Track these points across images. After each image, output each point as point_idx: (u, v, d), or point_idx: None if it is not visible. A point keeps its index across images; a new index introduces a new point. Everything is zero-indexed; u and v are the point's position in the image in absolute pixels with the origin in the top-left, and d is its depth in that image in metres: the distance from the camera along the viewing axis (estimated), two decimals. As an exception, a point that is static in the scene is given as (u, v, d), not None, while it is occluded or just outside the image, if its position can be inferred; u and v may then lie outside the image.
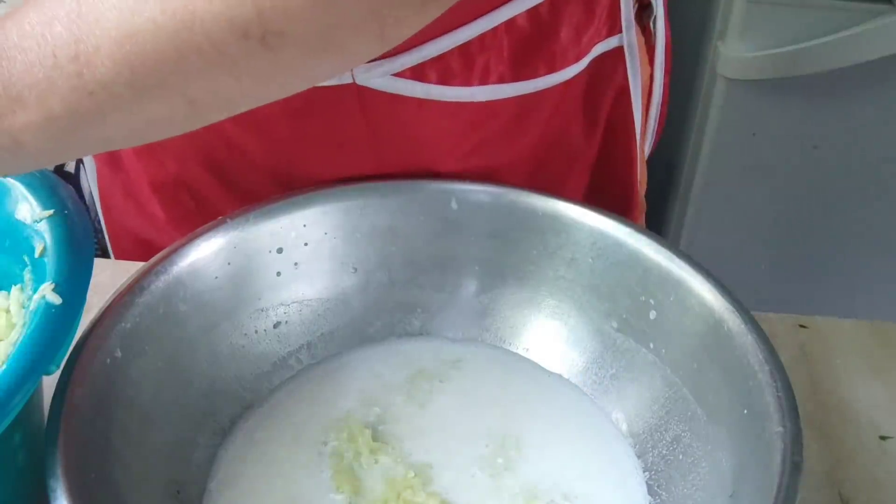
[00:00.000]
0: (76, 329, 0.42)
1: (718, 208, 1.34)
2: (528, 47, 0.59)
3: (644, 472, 0.51)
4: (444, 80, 0.58)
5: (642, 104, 0.70)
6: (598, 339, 0.56)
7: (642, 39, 0.67)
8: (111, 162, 0.71)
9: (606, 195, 0.71)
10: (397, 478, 0.50)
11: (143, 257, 0.54)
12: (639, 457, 0.52)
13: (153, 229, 0.70)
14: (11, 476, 0.44)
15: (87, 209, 0.59)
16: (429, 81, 0.57)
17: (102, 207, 0.78)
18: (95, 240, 0.48)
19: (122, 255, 0.77)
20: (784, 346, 0.61)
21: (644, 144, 0.73)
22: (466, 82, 0.58)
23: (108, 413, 0.45)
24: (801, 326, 0.64)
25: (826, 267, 1.38)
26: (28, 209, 0.48)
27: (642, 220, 0.76)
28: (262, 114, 0.55)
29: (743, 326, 0.48)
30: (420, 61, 0.57)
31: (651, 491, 0.50)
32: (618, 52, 0.65)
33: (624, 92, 0.67)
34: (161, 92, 0.38)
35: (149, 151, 0.65)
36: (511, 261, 0.58)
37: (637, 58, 0.67)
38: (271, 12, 0.35)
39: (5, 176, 0.42)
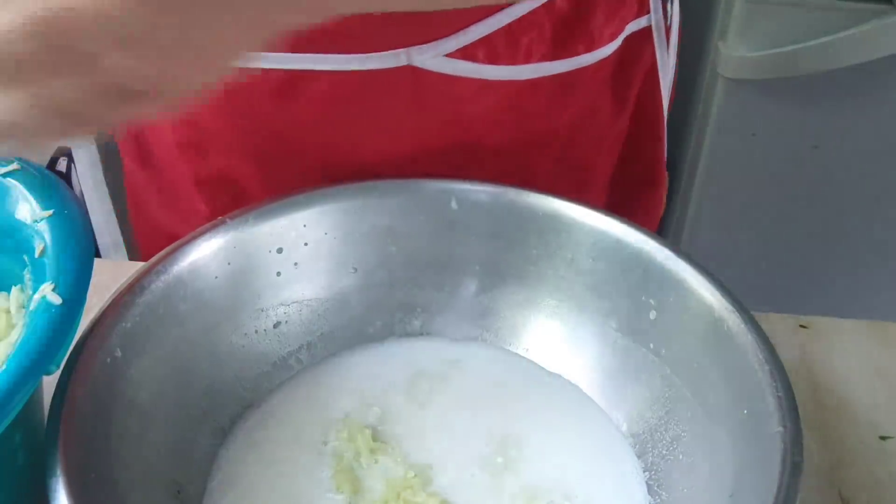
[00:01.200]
0: (76, 329, 0.42)
1: (718, 208, 1.34)
2: (567, 27, 0.62)
3: (644, 472, 0.51)
4: (491, 60, 0.61)
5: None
6: (598, 339, 0.56)
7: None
8: (142, 160, 0.72)
9: (634, 172, 0.74)
10: (397, 478, 0.50)
11: None
12: (639, 457, 0.52)
13: (189, 226, 0.71)
14: (11, 476, 0.44)
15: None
16: (478, 61, 0.60)
17: (131, 206, 0.78)
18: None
19: (152, 254, 0.78)
20: (784, 346, 0.61)
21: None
22: (512, 61, 0.61)
23: (109, 413, 0.45)
24: (801, 326, 0.64)
25: (826, 267, 1.38)
26: (28, 209, 0.48)
27: (665, 197, 0.79)
28: (315, 97, 0.59)
29: (743, 326, 0.48)
30: (470, 42, 0.59)
31: (651, 491, 0.50)
32: (646, 32, 0.69)
33: (652, 71, 0.71)
34: None
35: (195, 146, 0.66)
36: (511, 261, 0.58)
37: (664, 37, 0.70)
38: None
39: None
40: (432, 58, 0.59)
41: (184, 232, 0.71)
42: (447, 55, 0.60)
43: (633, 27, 0.67)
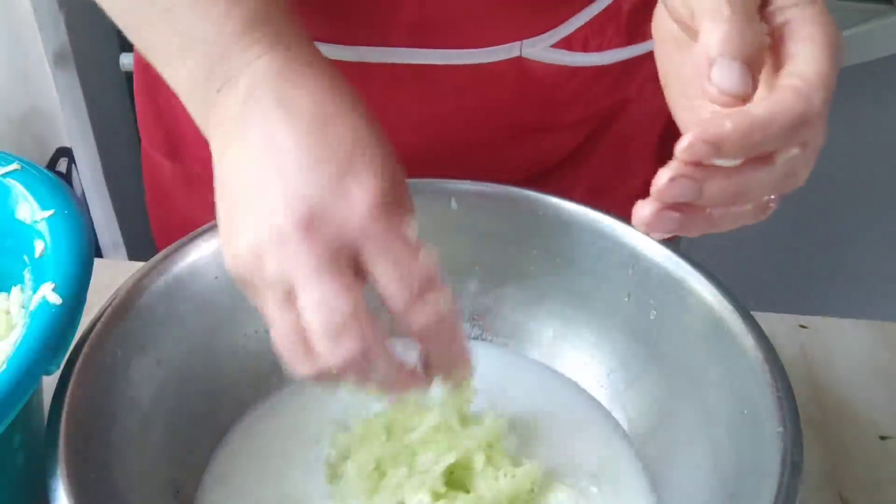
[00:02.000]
0: (76, 329, 0.42)
1: (718, 208, 1.34)
2: (639, 14, 0.66)
3: (644, 471, 0.51)
4: (583, 48, 0.65)
5: None
6: (598, 339, 0.56)
7: None
8: (171, 153, 0.72)
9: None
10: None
11: None
12: (638, 456, 0.52)
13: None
14: (11, 477, 0.44)
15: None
16: (574, 50, 0.64)
17: (151, 200, 0.78)
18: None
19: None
20: (784, 346, 0.61)
21: None
22: (598, 48, 0.65)
23: (109, 413, 0.45)
24: (801, 326, 0.64)
25: (826, 267, 1.38)
26: (28, 209, 0.48)
27: None
28: (432, 87, 0.62)
29: (743, 326, 0.48)
30: (569, 32, 0.63)
31: (651, 490, 0.50)
32: None
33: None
34: None
35: None
36: (511, 261, 0.58)
37: None
38: None
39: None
40: (540, 49, 0.62)
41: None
42: (552, 46, 0.63)
43: None
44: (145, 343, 0.49)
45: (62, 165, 1.40)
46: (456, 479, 0.50)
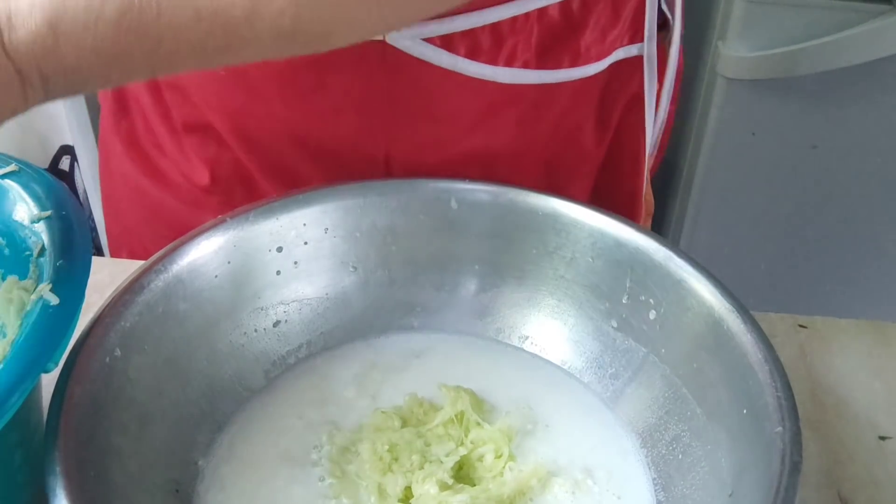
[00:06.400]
0: (74, 328, 0.42)
1: (718, 208, 1.34)
2: (555, 38, 0.61)
3: (644, 470, 0.51)
4: (471, 55, 0.59)
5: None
6: (598, 339, 0.56)
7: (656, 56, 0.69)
8: (119, 109, 0.71)
9: (611, 202, 0.72)
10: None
11: (143, 255, 0.54)
12: (639, 455, 0.52)
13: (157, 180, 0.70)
14: (8, 475, 0.44)
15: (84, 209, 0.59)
16: (457, 53, 0.59)
17: (104, 200, 0.78)
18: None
19: (117, 252, 0.77)
20: (784, 346, 0.61)
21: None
22: (492, 61, 0.60)
23: (108, 411, 0.45)
24: (801, 326, 0.64)
25: (826, 267, 1.38)
26: (26, 210, 0.48)
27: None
28: (287, 64, 0.58)
29: (743, 326, 0.48)
30: (450, 32, 0.58)
31: (651, 489, 0.50)
32: (636, 61, 0.67)
33: (638, 101, 0.69)
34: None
35: (182, 94, 0.65)
36: (511, 260, 0.58)
37: (655, 70, 0.68)
38: None
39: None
40: (407, 38, 0.58)
41: (153, 186, 0.70)
42: (424, 39, 0.58)
43: (623, 53, 0.65)
44: (144, 342, 0.49)
45: (65, 163, 1.40)
46: (463, 473, 0.50)
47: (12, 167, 0.50)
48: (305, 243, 0.56)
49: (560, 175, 0.67)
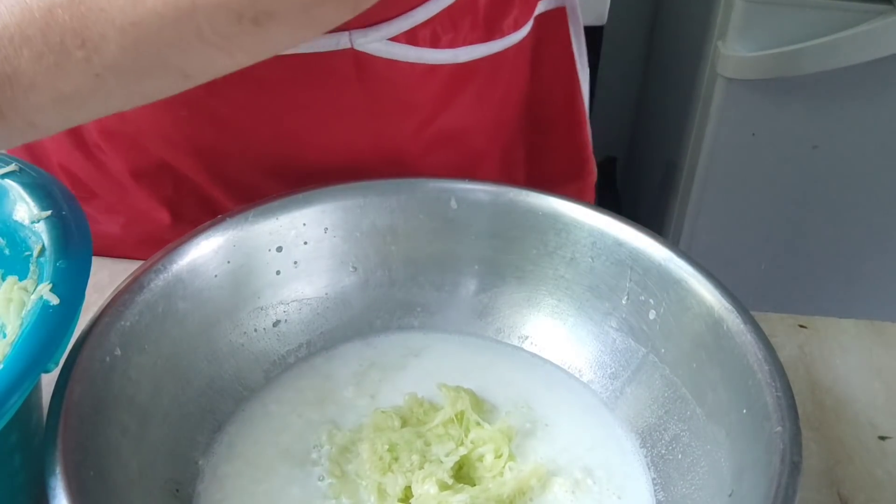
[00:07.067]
0: (74, 328, 0.42)
1: (718, 208, 1.34)
2: (495, 8, 0.63)
3: (644, 470, 0.51)
4: (433, 44, 0.61)
5: None
6: (598, 339, 0.56)
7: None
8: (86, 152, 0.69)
9: (556, 160, 0.74)
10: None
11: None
12: (639, 455, 0.52)
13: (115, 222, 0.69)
14: (8, 476, 0.44)
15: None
16: (420, 45, 0.60)
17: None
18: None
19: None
20: (784, 346, 0.61)
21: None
22: (452, 44, 0.62)
23: (108, 411, 0.45)
24: (801, 326, 0.64)
25: (826, 267, 1.38)
26: (26, 210, 0.48)
27: (594, 185, 0.79)
28: (259, 83, 0.58)
29: (742, 326, 0.48)
30: (413, 26, 0.59)
31: (651, 489, 0.50)
32: (558, 14, 0.70)
33: (567, 53, 0.72)
34: (162, 70, 0.43)
35: (129, 141, 0.64)
36: (510, 260, 0.58)
37: (579, 19, 0.71)
38: None
39: (7, 148, 0.45)
40: (375, 42, 0.58)
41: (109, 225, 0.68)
42: (391, 39, 0.59)
43: (543, 6, 0.68)
44: (144, 342, 0.49)
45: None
46: (463, 473, 0.50)
47: (12, 167, 0.50)
48: (305, 243, 0.56)
49: (509, 138, 0.70)
